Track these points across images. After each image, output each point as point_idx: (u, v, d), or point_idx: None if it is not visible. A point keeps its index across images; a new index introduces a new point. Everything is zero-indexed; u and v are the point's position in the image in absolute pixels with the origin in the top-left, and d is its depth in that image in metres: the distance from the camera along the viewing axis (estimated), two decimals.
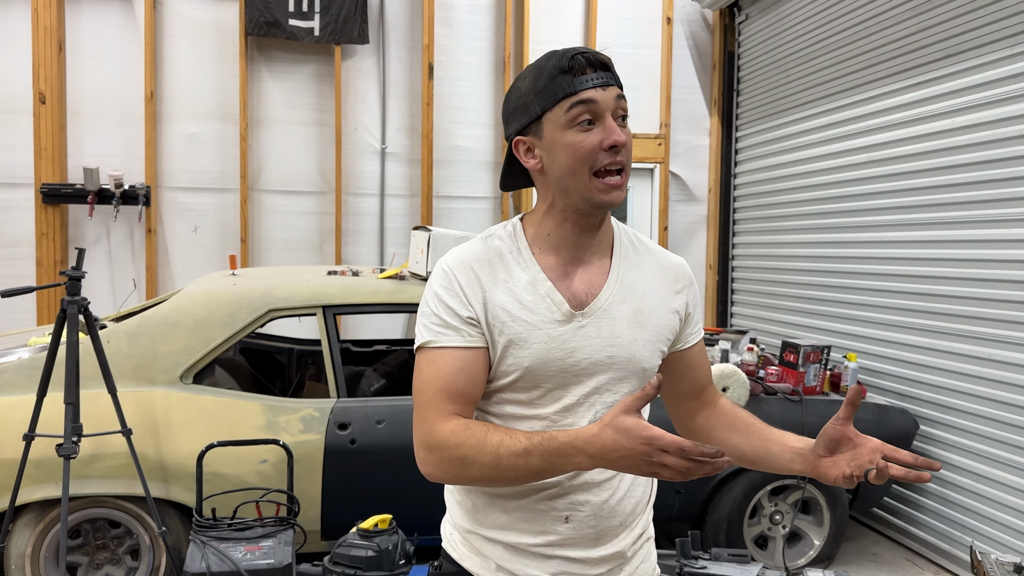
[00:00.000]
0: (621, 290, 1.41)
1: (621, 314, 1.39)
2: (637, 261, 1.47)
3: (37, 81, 5.47)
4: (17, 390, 3.19)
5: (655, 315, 1.43)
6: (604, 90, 1.31)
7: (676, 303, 1.47)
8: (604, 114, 1.32)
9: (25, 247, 5.61)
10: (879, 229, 4.48)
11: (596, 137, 1.30)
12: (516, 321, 1.35)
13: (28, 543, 3.17)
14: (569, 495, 1.37)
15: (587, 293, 1.39)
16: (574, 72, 1.32)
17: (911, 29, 4.23)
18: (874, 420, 3.81)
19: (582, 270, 1.41)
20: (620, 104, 1.33)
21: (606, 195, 1.33)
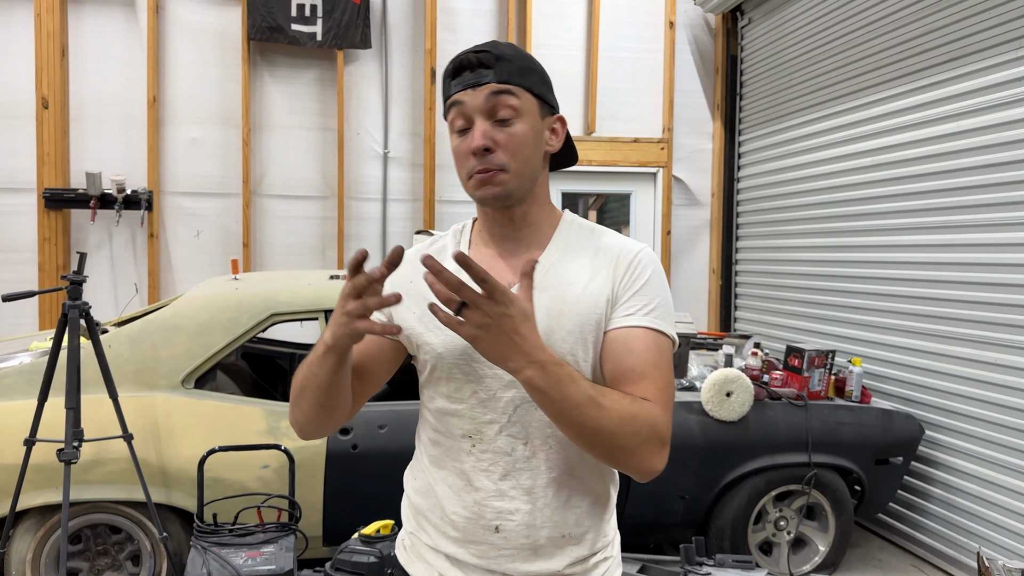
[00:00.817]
0: (544, 279, 1.34)
1: (540, 303, 1.30)
2: (576, 252, 1.38)
3: (40, 86, 5.47)
4: (18, 395, 3.17)
5: (579, 304, 1.31)
6: (474, 90, 1.29)
7: (604, 287, 1.33)
8: (472, 116, 1.29)
9: (27, 252, 5.60)
10: (884, 233, 4.46)
11: (467, 143, 1.30)
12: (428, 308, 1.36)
13: (29, 549, 3.15)
14: (495, 501, 1.31)
15: (509, 284, 1.35)
16: (453, 75, 1.32)
17: (915, 32, 4.22)
18: (879, 425, 3.79)
19: (509, 261, 1.38)
20: (497, 101, 1.29)
21: (477, 191, 1.31)
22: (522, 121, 1.31)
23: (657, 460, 1.23)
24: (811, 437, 3.65)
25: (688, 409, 3.61)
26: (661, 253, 6.38)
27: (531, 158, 1.33)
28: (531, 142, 1.32)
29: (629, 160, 6.32)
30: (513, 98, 1.29)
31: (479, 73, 1.29)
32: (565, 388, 1.16)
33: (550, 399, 1.16)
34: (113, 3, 5.68)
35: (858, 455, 3.75)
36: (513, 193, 1.32)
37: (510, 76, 1.30)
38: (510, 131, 1.29)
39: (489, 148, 1.28)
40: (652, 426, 1.22)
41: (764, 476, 3.66)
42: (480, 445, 1.33)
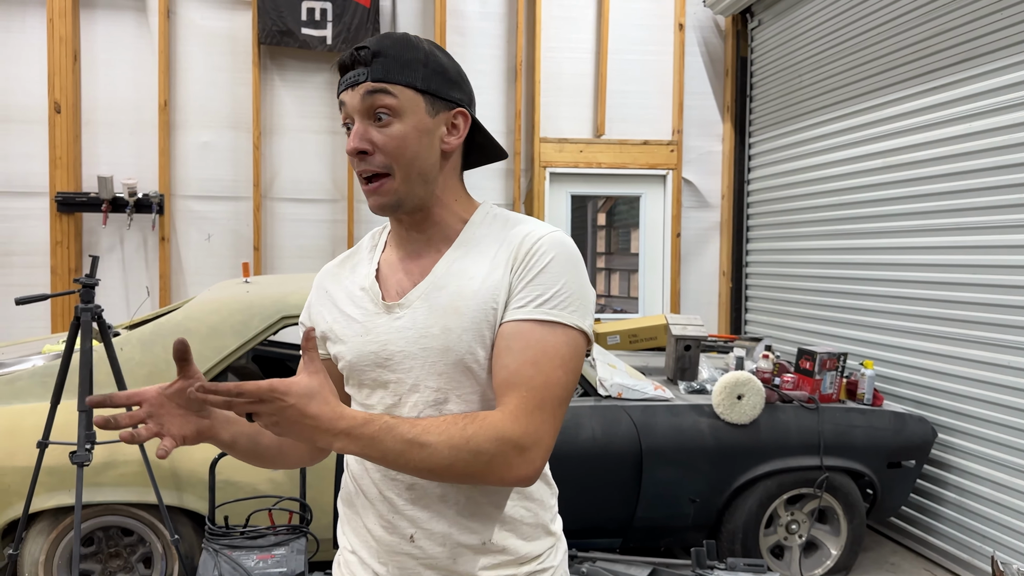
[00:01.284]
0: (444, 276, 1.27)
1: (438, 301, 1.25)
2: (484, 245, 1.29)
3: (52, 91, 5.51)
4: (31, 397, 3.19)
5: (476, 299, 1.23)
6: (352, 90, 1.23)
7: (502, 279, 1.24)
8: (353, 116, 1.24)
9: (40, 255, 5.64)
10: (895, 235, 4.44)
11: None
12: (343, 316, 1.34)
13: (42, 550, 3.17)
14: (407, 510, 1.26)
15: (412, 284, 1.30)
16: (340, 75, 1.27)
17: (926, 34, 4.20)
18: (891, 428, 3.76)
19: (416, 262, 1.32)
20: (373, 100, 1.21)
21: (369, 200, 1.27)
22: (401, 121, 1.22)
23: (519, 469, 1.15)
24: (823, 440, 3.64)
25: (699, 412, 3.60)
26: (671, 255, 6.37)
27: (417, 160, 1.24)
28: (414, 143, 1.23)
29: (638, 162, 6.31)
30: (389, 97, 1.21)
31: (356, 72, 1.23)
32: (380, 445, 1.11)
33: (372, 459, 1.13)
34: (125, 8, 5.72)
35: (870, 458, 3.73)
36: (403, 201, 1.25)
37: (387, 73, 1.22)
38: (388, 132, 1.22)
39: (365, 150, 1.22)
40: (496, 440, 1.14)
41: (776, 479, 3.64)
42: None
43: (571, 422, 3.44)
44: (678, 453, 3.51)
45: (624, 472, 3.49)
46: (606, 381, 3.61)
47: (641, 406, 3.57)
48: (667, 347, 4.14)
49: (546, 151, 6.18)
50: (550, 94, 6.24)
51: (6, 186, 5.60)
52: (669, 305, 6.39)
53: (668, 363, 4.12)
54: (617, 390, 3.60)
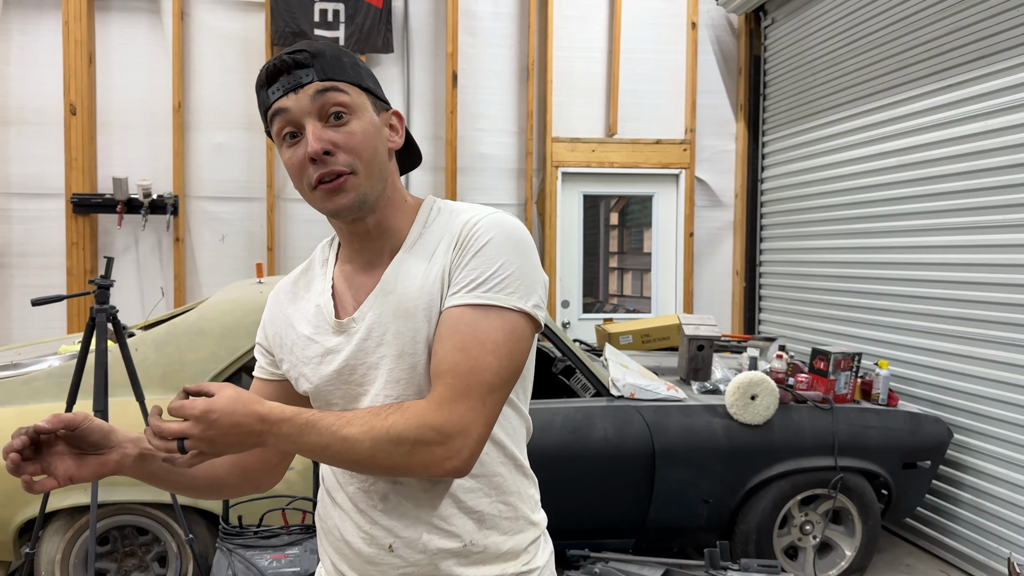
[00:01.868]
0: (390, 280, 1.24)
1: (388, 308, 1.22)
2: (428, 241, 1.26)
3: (68, 93, 5.55)
4: (47, 398, 3.22)
5: (421, 297, 1.20)
6: (296, 93, 1.17)
7: (441, 271, 1.21)
8: (302, 120, 1.18)
9: (56, 256, 5.69)
10: (910, 234, 4.41)
11: (301, 151, 1.18)
12: (300, 338, 1.30)
13: (58, 550, 3.19)
14: (383, 519, 1.24)
15: (367, 295, 1.26)
16: (267, 83, 1.20)
17: (942, 31, 4.17)
18: (906, 429, 3.74)
19: (369, 273, 1.28)
20: (326, 99, 1.17)
21: (327, 203, 1.20)
22: (357, 118, 1.20)
23: (444, 459, 1.11)
24: (837, 441, 3.62)
25: (713, 412, 3.59)
26: (684, 255, 6.35)
27: (377, 156, 1.21)
28: (373, 139, 1.21)
29: (651, 162, 6.30)
30: (342, 94, 1.18)
31: (297, 75, 1.18)
32: (306, 437, 1.11)
33: (300, 451, 1.13)
34: (139, 10, 5.76)
35: (885, 459, 3.70)
36: (367, 197, 1.21)
37: (333, 72, 1.19)
38: (347, 130, 1.18)
39: (328, 151, 1.17)
40: (417, 427, 1.10)
41: (790, 480, 3.62)
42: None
43: (584, 422, 3.44)
44: (691, 453, 3.50)
45: (637, 472, 3.48)
46: (618, 381, 3.60)
47: (654, 406, 3.56)
48: (680, 347, 4.12)
49: (558, 151, 6.17)
50: (562, 94, 6.23)
51: (22, 187, 5.65)
52: (682, 305, 6.37)
53: (681, 363, 4.11)
54: (630, 390, 3.59)
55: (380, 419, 1.12)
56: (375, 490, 1.24)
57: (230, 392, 1.09)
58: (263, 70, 1.21)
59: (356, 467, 1.14)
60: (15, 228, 5.66)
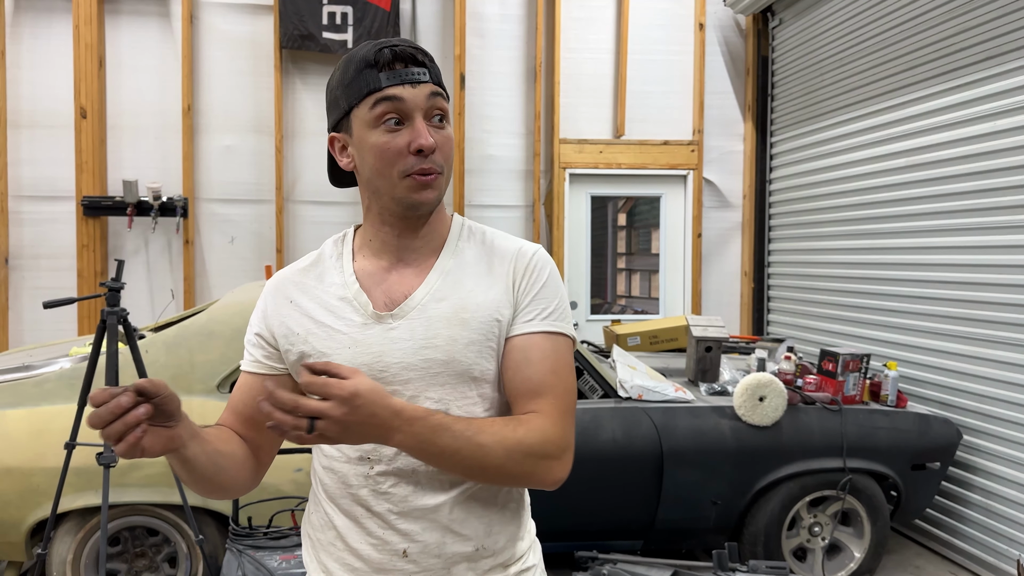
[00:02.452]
0: (442, 287, 1.27)
1: (439, 312, 1.25)
2: (472, 256, 1.32)
3: (78, 96, 5.59)
4: (58, 399, 3.24)
5: (480, 311, 1.26)
6: (414, 87, 1.21)
7: (504, 293, 1.28)
8: (413, 114, 1.21)
9: (66, 259, 5.72)
10: (919, 235, 4.40)
11: (404, 139, 1.20)
12: (320, 327, 1.27)
13: (69, 550, 3.22)
14: (399, 523, 1.24)
15: (404, 295, 1.28)
16: (380, 66, 1.21)
17: (949, 31, 4.15)
18: (916, 430, 3.73)
19: (402, 271, 1.30)
20: (434, 103, 1.22)
21: (416, 193, 1.23)
22: (449, 126, 1.27)
23: (556, 471, 1.21)
24: (846, 442, 3.61)
25: (720, 414, 3.59)
26: (692, 256, 6.34)
27: (452, 163, 1.31)
28: (453, 147, 1.30)
29: (659, 163, 6.30)
30: (444, 102, 1.25)
31: (414, 70, 1.21)
32: (439, 439, 1.11)
33: (427, 454, 1.13)
34: (149, 14, 5.79)
35: (894, 460, 3.69)
36: (441, 197, 1.28)
37: (438, 79, 1.26)
38: (445, 134, 1.25)
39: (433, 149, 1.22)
40: (542, 443, 1.19)
41: (798, 481, 3.62)
42: (379, 466, 1.25)
43: (591, 423, 3.45)
44: (699, 455, 3.50)
45: (645, 474, 3.48)
46: (626, 383, 3.61)
47: (662, 408, 3.56)
48: (688, 348, 4.12)
49: (565, 152, 6.18)
50: (569, 95, 6.23)
51: (34, 190, 5.69)
52: (690, 306, 6.36)
53: (689, 364, 4.11)
54: (637, 392, 3.59)
55: (510, 430, 1.18)
56: (395, 492, 1.24)
57: (368, 380, 1.07)
58: (376, 50, 1.21)
59: (478, 474, 1.17)
60: (26, 231, 5.70)
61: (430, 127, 1.22)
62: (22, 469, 3.11)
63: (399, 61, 1.21)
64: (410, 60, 1.22)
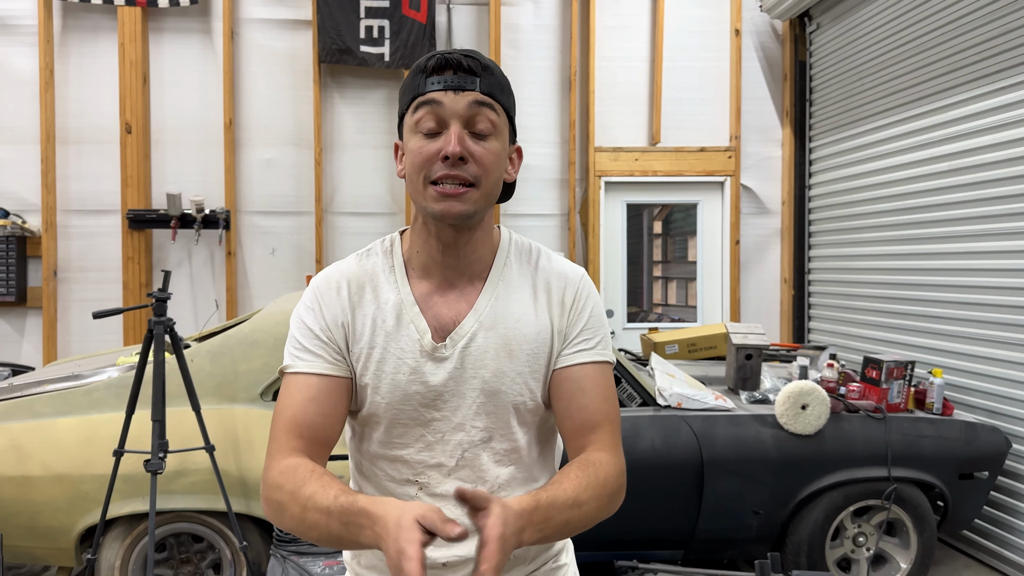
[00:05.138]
0: (490, 316, 1.26)
1: (488, 343, 1.24)
2: (520, 281, 1.31)
3: (124, 112, 5.73)
4: (107, 408, 3.31)
5: (528, 343, 1.26)
6: (456, 94, 1.18)
7: (550, 323, 1.29)
8: (449, 120, 1.18)
9: (112, 271, 5.85)
10: (963, 239, 4.32)
11: (436, 145, 1.18)
12: (376, 348, 1.25)
13: (117, 555, 3.28)
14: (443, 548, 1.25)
15: (453, 321, 1.26)
16: (428, 72, 1.20)
17: (991, 33, 4.08)
18: (962, 439, 3.65)
19: (451, 295, 1.27)
20: (477, 112, 1.19)
21: (436, 204, 1.18)
22: (497, 139, 1.21)
23: (622, 498, 1.25)
24: (890, 451, 3.55)
25: (762, 422, 3.55)
26: (730, 263, 6.29)
27: (497, 180, 1.23)
28: (500, 162, 1.23)
29: (695, 170, 6.26)
30: (493, 113, 1.20)
31: (463, 77, 1.18)
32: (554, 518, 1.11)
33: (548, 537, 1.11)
34: (191, 31, 5.92)
35: (940, 469, 3.62)
36: (475, 215, 1.21)
37: (493, 90, 1.21)
38: (487, 146, 1.20)
39: (464, 158, 1.17)
40: (616, 479, 1.22)
41: (842, 491, 3.56)
42: (427, 490, 1.26)
43: (630, 432, 3.43)
44: (740, 464, 3.47)
45: (685, 483, 3.45)
46: (665, 391, 3.59)
47: (701, 416, 3.53)
48: (727, 356, 4.09)
49: (601, 160, 6.17)
50: (604, 103, 6.23)
51: (81, 204, 5.83)
52: (729, 313, 6.31)
53: (729, 373, 4.07)
54: (677, 400, 3.57)
55: (593, 478, 1.18)
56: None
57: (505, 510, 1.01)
58: (430, 58, 1.20)
59: (580, 529, 1.17)
60: (74, 244, 5.84)
61: (470, 136, 1.19)
62: (72, 476, 3.18)
63: (448, 67, 1.19)
64: (457, 66, 1.19)
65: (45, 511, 3.18)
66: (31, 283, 5.82)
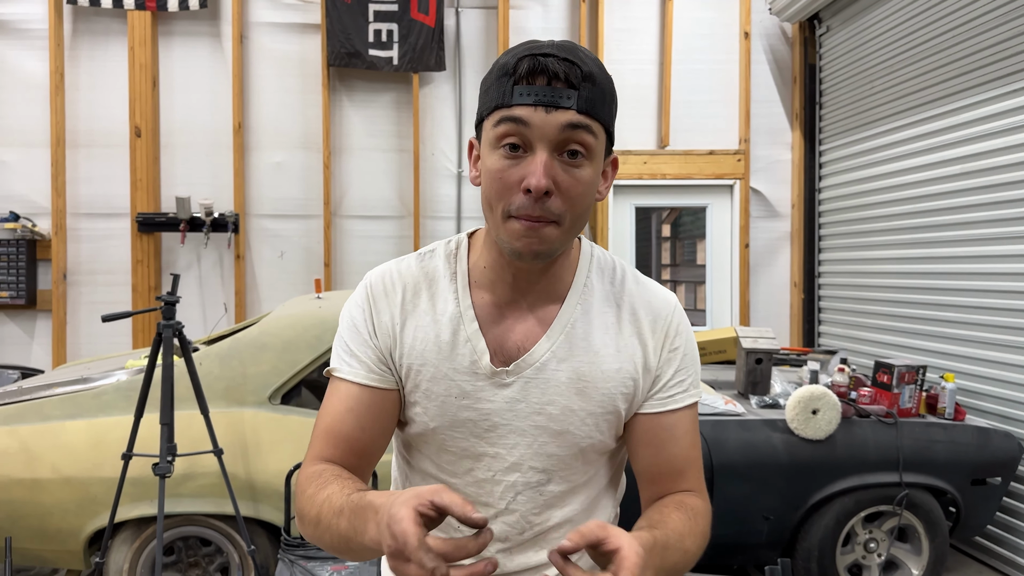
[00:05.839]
0: (565, 345, 1.11)
1: (559, 376, 1.10)
2: (602, 307, 1.15)
3: (133, 116, 5.75)
4: (116, 411, 3.31)
5: (607, 382, 1.12)
6: (547, 112, 0.98)
7: (636, 360, 1.14)
8: (535, 144, 0.99)
9: (121, 274, 5.87)
10: (975, 243, 4.29)
11: (519, 172, 1.00)
12: (427, 365, 1.12)
13: (125, 559, 3.28)
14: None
15: (519, 347, 1.12)
16: (516, 78, 0.99)
17: (1003, 36, 4.06)
18: (975, 444, 3.62)
19: (521, 316, 1.13)
20: (573, 135, 0.99)
21: (516, 241, 1.02)
22: (591, 165, 1.03)
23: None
24: (902, 456, 3.52)
25: (772, 427, 3.53)
26: (739, 266, 6.27)
27: (586, 211, 1.06)
28: (591, 191, 1.05)
29: (704, 173, 6.24)
30: (590, 136, 1.01)
31: (559, 91, 0.98)
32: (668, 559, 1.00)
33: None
34: (200, 35, 5.93)
35: (953, 475, 3.59)
36: (556, 250, 1.06)
37: (593, 107, 1.01)
38: (578, 175, 1.02)
39: (549, 191, 1.00)
40: (708, 523, 1.15)
41: (853, 496, 3.54)
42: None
43: None
44: (750, 469, 3.45)
45: None
46: None
47: (711, 421, 3.51)
48: (737, 360, 4.07)
49: None
50: None
51: (90, 208, 5.85)
52: (738, 317, 6.28)
53: (739, 377, 4.05)
54: None
55: (694, 524, 1.11)
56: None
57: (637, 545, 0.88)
58: (521, 58, 1.00)
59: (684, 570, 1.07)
60: (83, 247, 5.86)
61: (559, 163, 1.00)
62: (80, 479, 3.18)
63: (540, 75, 0.99)
64: (553, 76, 0.98)
65: (54, 514, 3.18)
66: (41, 286, 5.84)
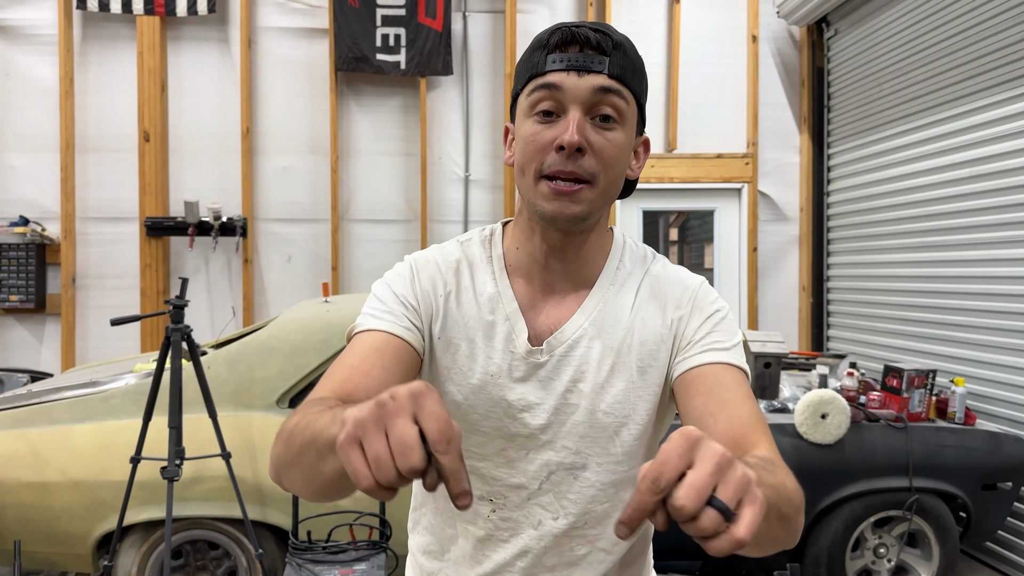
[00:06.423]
0: (597, 322, 1.11)
1: (590, 354, 1.10)
2: (633, 287, 1.15)
3: (142, 120, 5.77)
4: (124, 414, 3.32)
5: (635, 356, 1.11)
6: (579, 76, 1.01)
7: (667, 330, 1.12)
8: (568, 106, 1.02)
9: (130, 278, 5.89)
10: (985, 246, 4.27)
11: (552, 132, 1.03)
12: (463, 342, 1.12)
13: (134, 563, 3.28)
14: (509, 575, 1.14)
15: (550, 327, 1.12)
16: (549, 48, 1.04)
17: (1012, 38, 4.04)
18: (985, 448, 3.60)
19: (554, 298, 1.14)
20: (605, 99, 1.02)
21: (547, 203, 1.04)
22: (623, 130, 1.05)
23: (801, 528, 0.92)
24: (912, 461, 3.50)
25: (781, 432, 3.51)
26: (747, 270, 6.25)
27: (619, 177, 1.07)
28: (624, 156, 1.06)
29: (712, 176, 6.23)
30: (621, 100, 1.03)
31: (591, 57, 1.02)
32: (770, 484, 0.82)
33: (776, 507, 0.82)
34: (208, 39, 5.96)
35: (963, 480, 3.57)
36: (591, 214, 1.06)
37: (624, 72, 1.04)
38: (610, 136, 1.03)
39: (582, 148, 1.01)
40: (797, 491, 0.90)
41: (862, 501, 3.52)
42: (502, 512, 1.13)
43: None
44: None
45: None
46: None
47: None
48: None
49: None
50: None
51: (99, 212, 5.88)
52: (746, 321, 6.26)
53: None
54: None
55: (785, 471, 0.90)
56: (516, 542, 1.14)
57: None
58: (554, 32, 1.04)
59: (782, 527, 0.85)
60: (92, 251, 5.88)
61: (592, 124, 1.03)
62: (89, 482, 3.19)
63: (572, 43, 1.03)
64: (585, 42, 1.02)
65: (62, 517, 3.19)
66: (50, 290, 5.86)
